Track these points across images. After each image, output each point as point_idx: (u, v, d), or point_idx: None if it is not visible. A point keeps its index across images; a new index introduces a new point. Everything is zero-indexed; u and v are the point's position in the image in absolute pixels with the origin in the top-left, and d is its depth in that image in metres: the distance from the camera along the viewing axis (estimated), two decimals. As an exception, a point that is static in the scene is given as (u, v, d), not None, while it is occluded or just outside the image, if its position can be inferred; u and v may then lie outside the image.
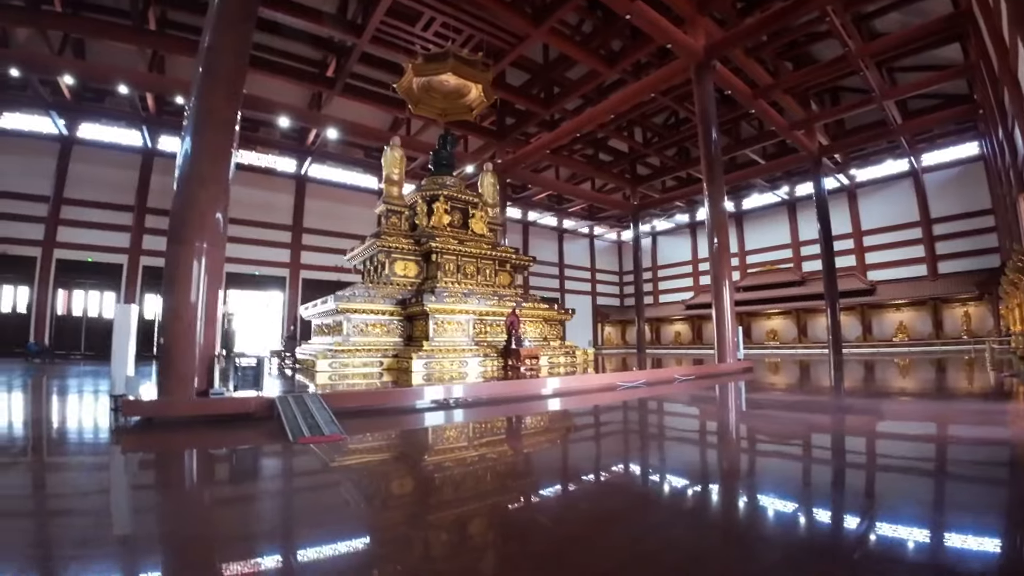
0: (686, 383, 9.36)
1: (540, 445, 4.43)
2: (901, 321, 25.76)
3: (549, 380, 8.07)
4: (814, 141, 22.52)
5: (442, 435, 5.09)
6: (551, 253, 36.66)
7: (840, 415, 5.70)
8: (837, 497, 2.74)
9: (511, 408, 6.49)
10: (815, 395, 8.02)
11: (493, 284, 12.97)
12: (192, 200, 6.52)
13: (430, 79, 13.22)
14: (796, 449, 4.06)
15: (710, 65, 14.95)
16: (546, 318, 12.71)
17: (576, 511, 2.58)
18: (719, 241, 13.96)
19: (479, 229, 13.51)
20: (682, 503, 2.70)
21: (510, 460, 3.85)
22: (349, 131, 22.62)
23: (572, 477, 3.31)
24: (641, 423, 5.69)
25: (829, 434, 4.68)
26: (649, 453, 3.98)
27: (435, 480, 3.25)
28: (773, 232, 32.60)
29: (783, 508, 2.41)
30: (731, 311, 13.16)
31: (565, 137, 21.44)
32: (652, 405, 6.92)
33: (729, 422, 5.53)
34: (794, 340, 29.12)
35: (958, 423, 4.92)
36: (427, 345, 10.40)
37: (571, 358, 12.41)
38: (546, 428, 5.33)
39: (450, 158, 14.85)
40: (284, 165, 27.67)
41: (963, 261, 24.89)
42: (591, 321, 38.15)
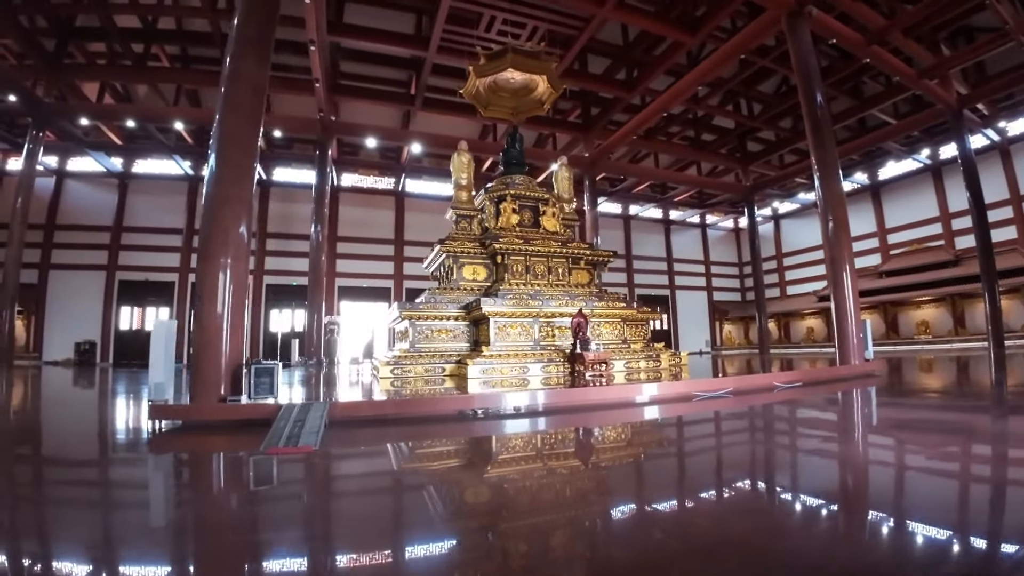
0: (788, 391, 7.77)
1: (511, 484, 3.45)
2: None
3: (605, 389, 7.03)
4: (951, 91, 18.89)
5: (424, 453, 4.31)
6: (657, 247, 34.65)
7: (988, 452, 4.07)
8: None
9: (540, 423, 5.61)
10: (955, 412, 6.23)
11: (566, 283, 12.04)
12: (217, 218, 6.73)
13: (495, 79, 12.74)
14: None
15: (804, 12, 12.93)
16: (625, 318, 11.49)
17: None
18: (835, 218, 11.95)
19: (551, 226, 12.66)
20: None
21: (450, 498, 2.96)
22: (437, 144, 22.80)
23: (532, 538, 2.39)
24: (679, 455, 4.44)
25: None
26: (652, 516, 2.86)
27: (323, 509, 2.55)
28: (918, 204, 27.73)
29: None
30: (854, 303, 11.05)
31: (652, 118, 19.90)
32: (715, 427, 5.62)
33: (816, 461, 4.04)
34: (949, 332, 24.52)
35: None
36: (486, 350, 9.78)
37: (655, 363, 11.05)
38: (551, 455, 4.27)
39: (519, 156, 14.17)
40: (385, 184, 28.80)
41: None
42: (707, 319, 35.45)
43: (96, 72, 19.90)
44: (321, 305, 19.52)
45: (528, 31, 16.97)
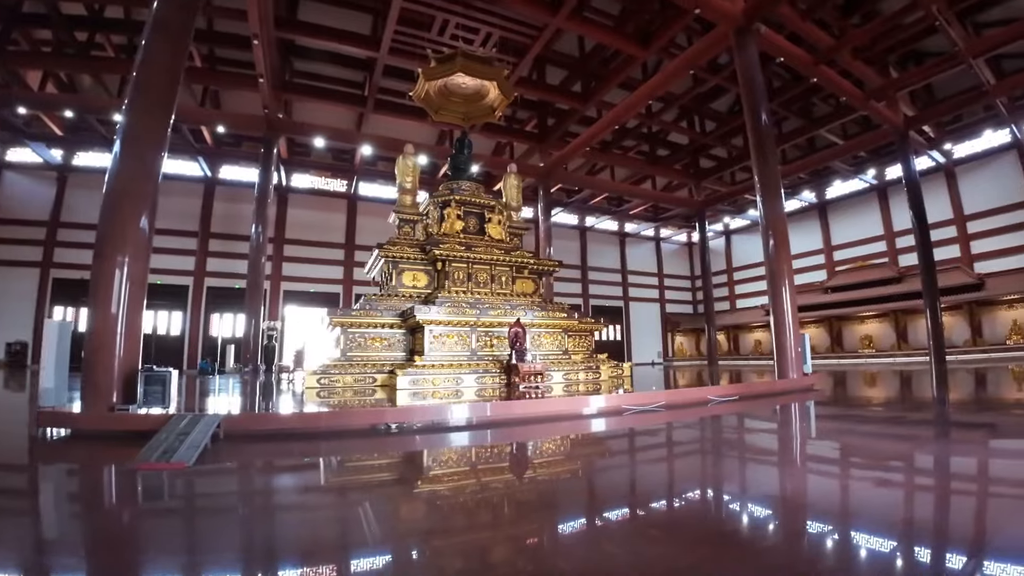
0: (723, 405, 7.61)
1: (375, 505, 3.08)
2: (1015, 320, 21.63)
3: (532, 403, 6.72)
4: (898, 113, 19.54)
5: (311, 473, 3.88)
6: (613, 259, 34.90)
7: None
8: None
9: (456, 439, 5.25)
10: (886, 425, 6.17)
11: (509, 292, 11.75)
12: (116, 214, 6.31)
13: (446, 83, 12.54)
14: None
15: (752, 29, 13.06)
16: (567, 329, 11.27)
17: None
18: (776, 234, 11.94)
19: (496, 234, 12.37)
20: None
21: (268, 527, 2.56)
22: (389, 147, 22.26)
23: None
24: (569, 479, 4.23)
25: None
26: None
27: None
28: (863, 223, 28.75)
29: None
30: (793, 316, 11.07)
31: (605, 130, 19.92)
32: (630, 443, 5.38)
33: (730, 481, 3.89)
34: (892, 347, 25.21)
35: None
36: (419, 360, 9.39)
37: (595, 374, 10.85)
38: (451, 475, 3.91)
39: (467, 162, 13.91)
40: (337, 186, 28.08)
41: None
42: (660, 330, 35.83)
43: (40, 60, 18.73)
44: (260, 310, 18.70)
45: (481, 37, 16.72)
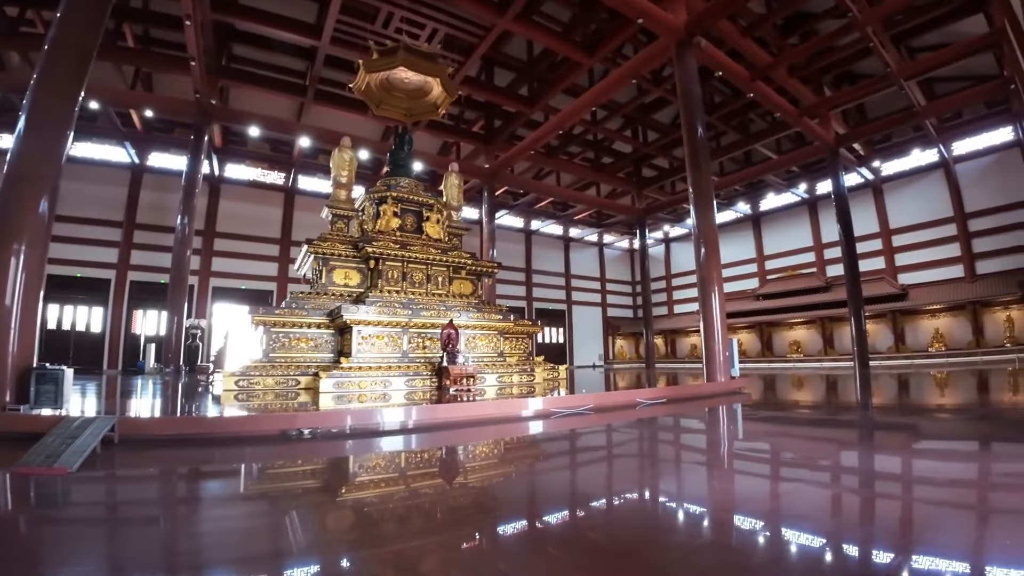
0: (651, 408, 7.63)
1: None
2: (937, 328, 23.22)
3: (457, 407, 6.51)
4: (830, 131, 20.49)
5: (204, 482, 3.55)
6: (557, 263, 35.11)
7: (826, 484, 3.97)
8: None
9: (373, 445, 4.98)
10: (809, 427, 6.27)
11: (446, 293, 11.48)
12: (13, 199, 5.87)
13: (389, 77, 12.15)
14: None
15: (692, 42, 13.35)
16: (502, 331, 11.11)
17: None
18: (707, 242, 12.26)
19: (434, 233, 12.07)
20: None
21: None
22: (330, 140, 21.46)
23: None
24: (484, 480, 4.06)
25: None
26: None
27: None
28: (794, 234, 30.24)
29: None
30: (722, 322, 11.36)
31: (550, 134, 19.95)
32: (550, 447, 5.28)
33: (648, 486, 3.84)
34: (819, 352, 26.54)
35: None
36: (345, 362, 8.98)
37: (529, 377, 10.73)
38: (358, 485, 3.69)
39: (407, 158, 13.49)
40: (274, 178, 26.94)
41: (1004, 259, 22.38)
42: (601, 334, 36.33)
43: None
44: (184, 307, 17.66)
45: (427, 32, 16.42)
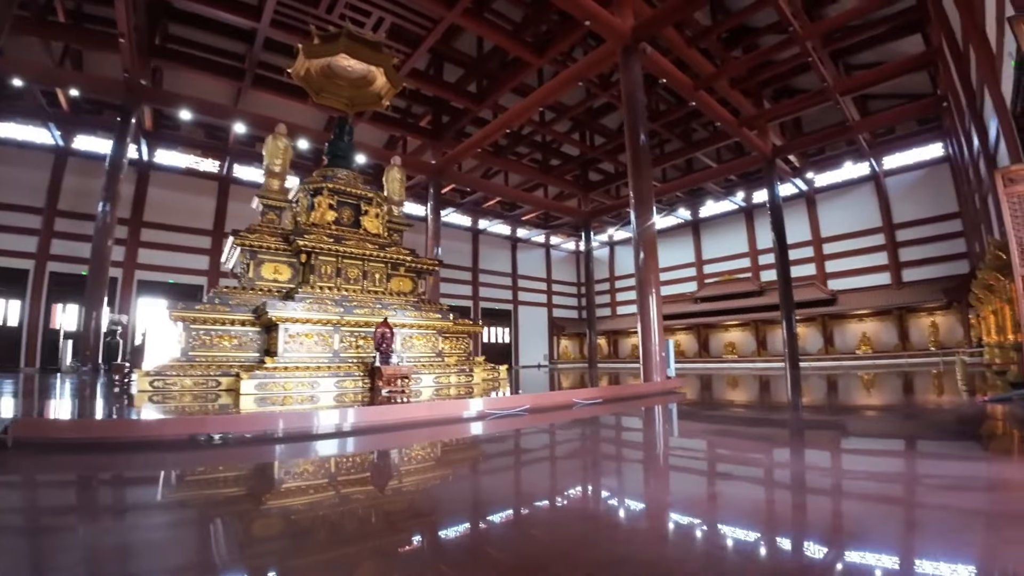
0: (587, 408, 7.55)
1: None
2: (864, 332, 24.43)
3: (386, 409, 6.20)
4: (767, 142, 21.24)
5: (92, 490, 3.16)
6: (504, 263, 35.00)
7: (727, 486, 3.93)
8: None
9: (288, 451, 4.63)
10: (736, 430, 6.30)
11: (384, 290, 11.11)
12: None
13: (330, 64, 11.73)
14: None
15: (638, 48, 13.46)
16: (441, 330, 10.83)
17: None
18: (645, 245, 12.35)
19: (373, 228, 11.66)
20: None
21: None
22: (268, 127, 20.53)
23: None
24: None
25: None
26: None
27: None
28: (731, 240, 31.42)
29: None
30: (658, 323, 11.48)
31: (497, 133, 19.78)
32: (481, 449, 5.11)
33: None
34: (753, 353, 27.58)
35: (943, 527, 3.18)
36: (270, 362, 8.51)
37: (467, 378, 10.50)
38: (263, 495, 3.36)
39: (347, 149, 13.02)
40: (208, 166, 25.62)
41: (929, 268, 23.76)
42: (547, 334, 36.49)
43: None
44: (103, 300, 16.46)
45: (373, 21, 15.96)
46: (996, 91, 7.86)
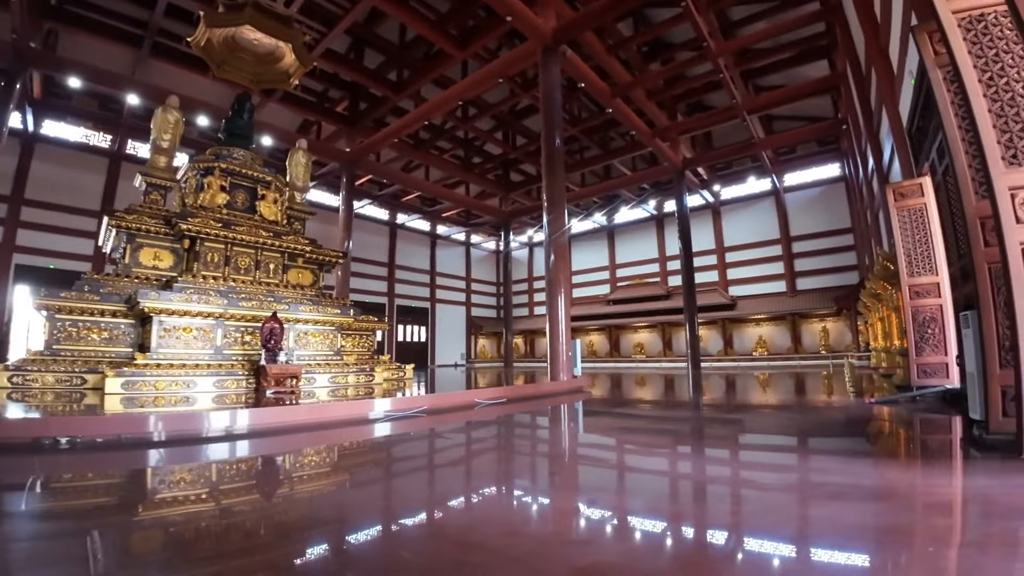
0: (489, 409, 7.37)
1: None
2: (761, 335, 26.12)
3: (268, 411, 5.73)
4: (679, 154, 22.10)
5: None
6: (422, 259, 34.30)
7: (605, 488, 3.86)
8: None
9: (141, 458, 4.13)
10: (633, 426, 6.32)
11: (280, 283, 10.44)
12: None
13: (236, 37, 10.76)
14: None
15: (558, 50, 13.51)
16: (342, 327, 10.32)
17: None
18: (556, 246, 12.38)
19: (269, 214, 10.93)
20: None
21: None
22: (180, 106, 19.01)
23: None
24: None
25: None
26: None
27: None
28: (643, 246, 32.70)
29: None
30: (566, 324, 11.58)
31: (415, 124, 19.32)
32: (361, 457, 4.81)
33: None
34: (659, 354, 28.93)
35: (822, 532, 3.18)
36: (141, 358, 7.73)
37: (367, 377, 10.04)
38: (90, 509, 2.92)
39: (246, 128, 12.14)
40: (100, 141, 23.31)
41: (822, 278, 25.60)
42: (464, 333, 36.23)
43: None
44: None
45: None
46: (894, 111, 8.46)
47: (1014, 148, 2.63)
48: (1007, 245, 2.54)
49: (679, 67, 17.65)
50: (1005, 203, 2.56)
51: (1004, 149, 2.65)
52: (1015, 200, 2.57)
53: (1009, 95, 2.67)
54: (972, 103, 2.70)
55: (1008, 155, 2.64)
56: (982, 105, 2.69)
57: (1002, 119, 2.66)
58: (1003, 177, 2.61)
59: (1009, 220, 2.55)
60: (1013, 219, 2.55)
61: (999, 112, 2.68)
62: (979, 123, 2.67)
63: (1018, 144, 2.63)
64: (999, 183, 2.60)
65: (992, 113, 2.68)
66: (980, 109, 2.68)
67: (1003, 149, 2.65)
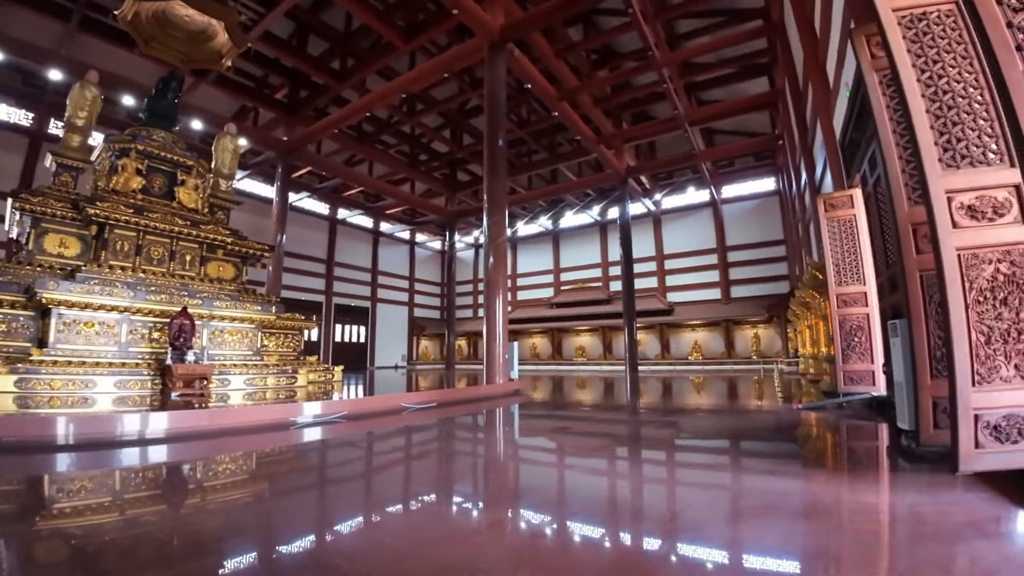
0: (418, 414, 7.00)
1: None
2: (696, 340, 26.84)
3: (155, 416, 5.19)
4: (623, 161, 22.40)
5: None
6: (364, 257, 33.24)
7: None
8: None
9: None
10: (566, 427, 6.12)
11: (197, 275, 9.69)
12: None
13: (166, 12, 9.99)
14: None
15: (506, 48, 13.31)
16: (265, 325, 9.67)
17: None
18: (495, 249, 12.12)
19: (190, 201, 10.14)
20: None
21: None
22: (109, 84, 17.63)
23: None
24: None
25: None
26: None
27: None
28: (586, 251, 33.13)
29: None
30: (503, 326, 11.32)
31: (356, 114, 18.69)
32: (261, 469, 4.37)
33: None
34: (600, 357, 29.39)
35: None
36: (36, 354, 6.95)
37: (289, 380, 9.41)
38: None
39: (171, 109, 11.27)
40: (19, 117, 21.37)
41: (755, 287, 26.60)
42: (407, 334, 35.47)
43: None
44: None
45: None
46: (828, 124, 8.69)
47: (952, 150, 2.56)
48: (942, 251, 2.45)
49: (625, 74, 17.85)
50: (941, 207, 2.48)
51: (942, 151, 2.57)
52: (952, 204, 2.49)
53: (949, 95, 2.60)
54: (910, 102, 2.61)
55: (946, 156, 2.56)
56: (920, 105, 2.61)
57: (940, 119, 2.59)
58: (940, 180, 2.52)
59: (945, 225, 2.47)
60: (949, 224, 2.47)
61: (938, 112, 2.60)
62: (916, 123, 2.59)
63: (956, 146, 2.56)
64: (935, 186, 2.52)
65: (930, 113, 2.60)
66: (918, 108, 2.60)
67: (940, 151, 2.57)
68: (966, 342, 2.35)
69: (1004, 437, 2.33)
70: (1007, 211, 2.42)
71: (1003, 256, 2.39)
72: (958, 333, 2.36)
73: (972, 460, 2.31)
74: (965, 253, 2.43)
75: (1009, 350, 2.34)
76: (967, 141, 2.51)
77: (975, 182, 2.46)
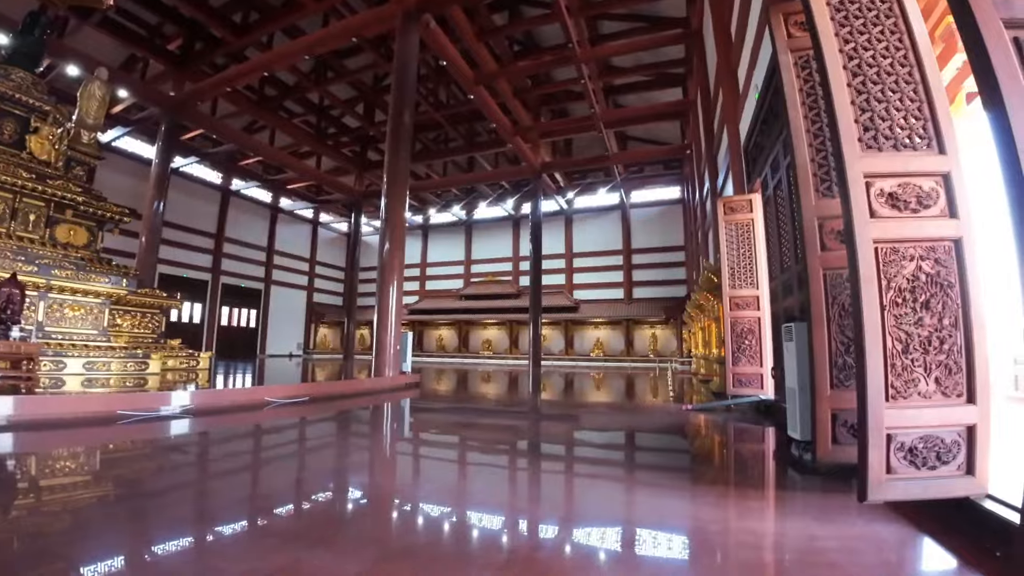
0: (282, 410, 6.18)
1: None
2: (599, 338, 27.54)
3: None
4: (538, 156, 22.22)
5: None
6: (260, 234, 30.72)
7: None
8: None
9: None
10: (449, 425, 5.60)
11: (42, 239, 8.22)
12: None
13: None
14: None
15: (421, 19, 12.54)
16: (116, 300, 8.36)
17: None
18: (391, 233, 11.34)
19: (42, 152, 8.61)
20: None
21: None
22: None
23: None
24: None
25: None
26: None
27: None
28: (498, 244, 33.08)
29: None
30: (396, 316, 10.62)
31: (254, 72, 17.01)
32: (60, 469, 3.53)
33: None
34: (506, 351, 29.45)
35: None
36: None
37: (139, 366, 8.15)
38: None
39: (36, 47, 9.59)
40: None
41: (655, 289, 27.73)
42: (304, 320, 33.50)
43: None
44: None
45: None
46: (734, 129, 8.75)
47: (874, 129, 2.29)
48: (857, 243, 2.15)
49: (546, 65, 17.55)
50: (859, 192, 2.19)
51: (862, 129, 2.29)
52: (871, 190, 2.21)
53: (874, 69, 2.33)
54: (830, 76, 2.32)
55: (867, 136, 2.28)
56: (841, 78, 2.32)
57: (863, 96, 2.32)
58: (859, 162, 2.24)
59: (862, 213, 2.17)
60: (867, 212, 2.18)
61: (860, 87, 2.33)
62: (836, 98, 2.30)
63: (879, 125, 2.29)
64: (853, 169, 2.23)
65: (852, 87, 2.33)
66: (839, 81, 2.31)
67: (861, 129, 2.29)
68: (880, 350, 2.07)
69: (921, 462, 2.07)
70: (933, 202, 2.18)
71: (926, 253, 2.15)
72: (872, 339, 2.07)
73: (883, 488, 2.02)
74: (884, 247, 2.16)
75: (930, 361, 2.09)
76: (891, 121, 2.24)
77: (898, 167, 2.19)
